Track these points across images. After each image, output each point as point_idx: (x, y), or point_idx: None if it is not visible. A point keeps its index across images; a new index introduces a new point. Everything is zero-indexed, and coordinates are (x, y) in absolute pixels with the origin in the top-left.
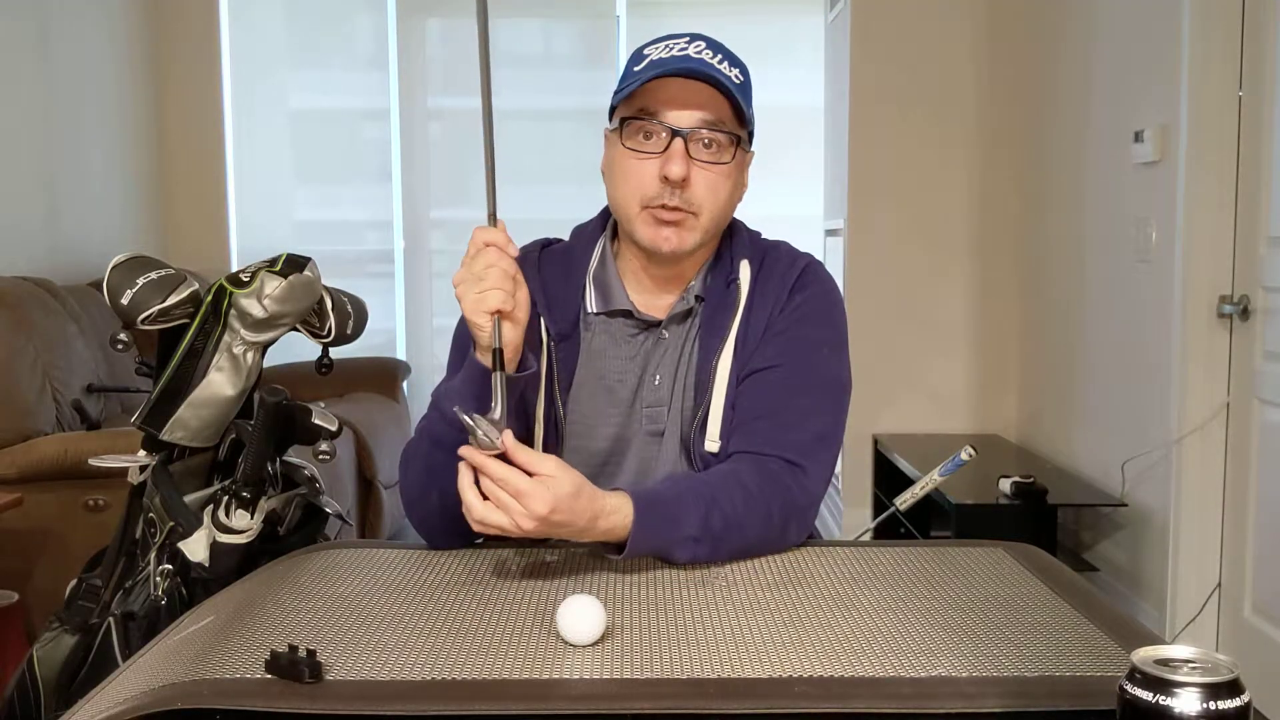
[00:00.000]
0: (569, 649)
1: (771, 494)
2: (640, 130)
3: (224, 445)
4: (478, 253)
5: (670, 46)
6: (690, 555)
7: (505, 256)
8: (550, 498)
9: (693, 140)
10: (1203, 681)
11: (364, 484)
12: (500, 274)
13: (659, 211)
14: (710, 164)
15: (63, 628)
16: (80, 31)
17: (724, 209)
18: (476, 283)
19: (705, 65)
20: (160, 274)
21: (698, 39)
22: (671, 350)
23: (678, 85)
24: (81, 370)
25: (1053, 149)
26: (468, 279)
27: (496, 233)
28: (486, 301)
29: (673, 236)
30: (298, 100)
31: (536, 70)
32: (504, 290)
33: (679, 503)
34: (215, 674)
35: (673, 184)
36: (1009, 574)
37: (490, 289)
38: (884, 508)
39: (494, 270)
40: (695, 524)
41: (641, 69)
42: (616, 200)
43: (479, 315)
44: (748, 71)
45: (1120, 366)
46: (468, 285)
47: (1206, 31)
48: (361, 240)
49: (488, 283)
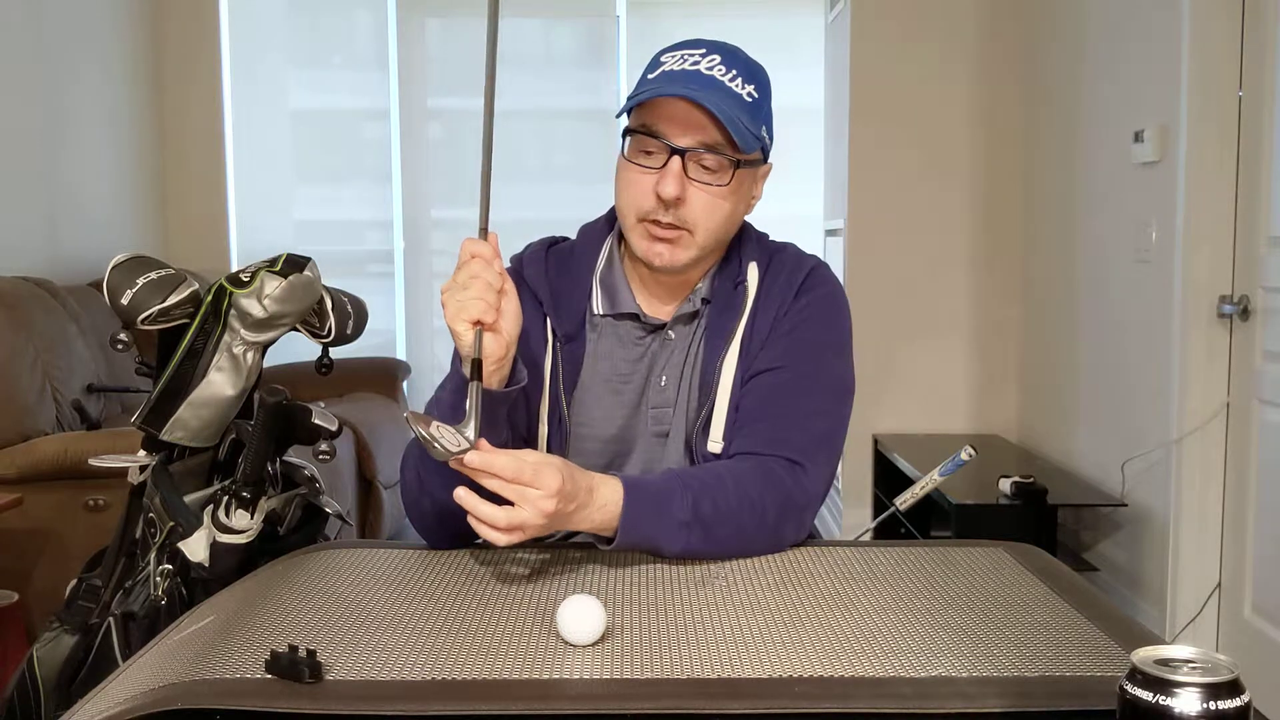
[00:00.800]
0: (569, 649)
1: (766, 488)
2: (642, 145)
3: (224, 445)
4: (464, 263)
5: (685, 58)
6: (683, 544)
7: (490, 269)
8: (555, 471)
9: (691, 160)
10: (1203, 681)
11: (364, 484)
12: (483, 285)
13: (653, 227)
14: (707, 184)
15: (63, 628)
16: (80, 31)
17: (721, 227)
18: (459, 291)
19: (713, 85)
20: (160, 274)
21: (714, 52)
22: (678, 352)
23: (682, 104)
24: (81, 370)
25: (1053, 149)
26: (452, 288)
27: (484, 245)
28: (467, 310)
29: (665, 252)
30: (298, 100)
31: (537, 70)
32: (485, 301)
33: (668, 489)
34: (215, 674)
35: (667, 202)
36: (1009, 574)
37: (472, 299)
38: (884, 508)
39: (478, 281)
40: (686, 509)
41: (655, 78)
42: (619, 207)
43: (458, 323)
44: (766, 82)
45: (1120, 366)
46: (451, 293)
47: (1206, 31)
48: (361, 240)
49: (470, 293)
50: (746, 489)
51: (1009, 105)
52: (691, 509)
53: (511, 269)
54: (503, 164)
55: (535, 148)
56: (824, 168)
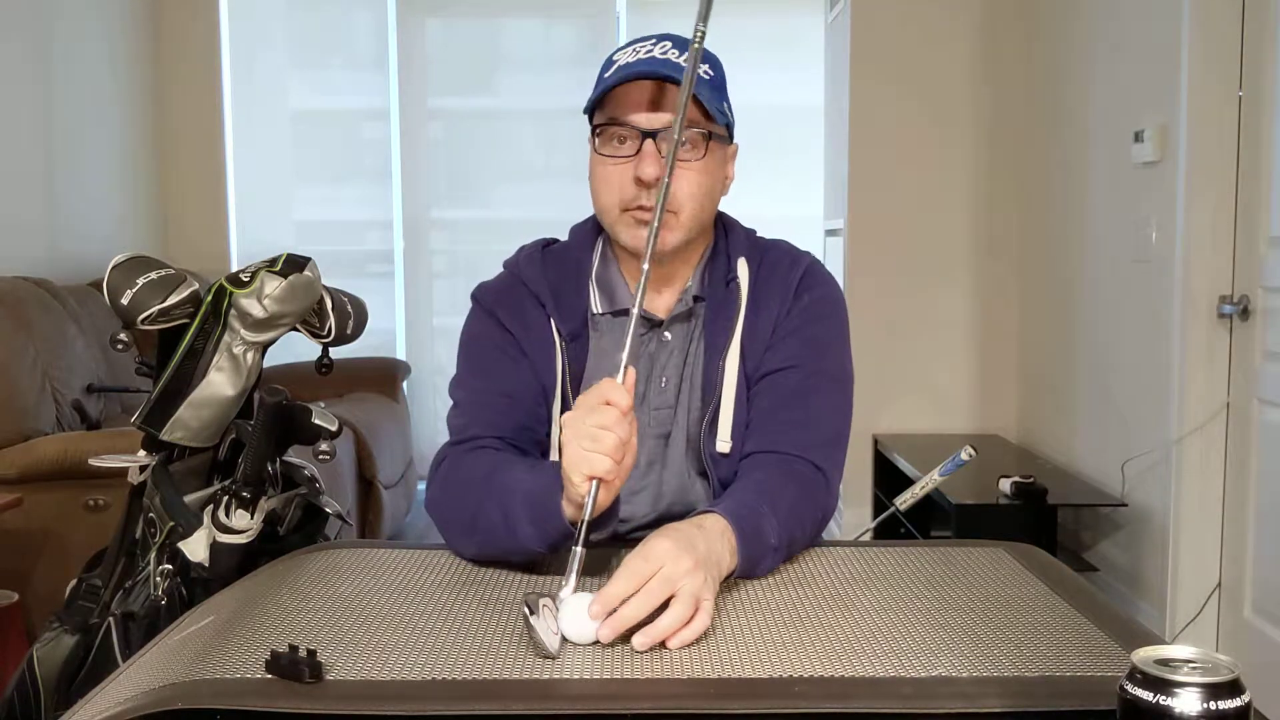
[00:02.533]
0: (569, 649)
1: (814, 497)
2: (612, 136)
3: (224, 445)
4: (598, 407)
5: (637, 50)
6: (769, 567)
7: (624, 423)
8: (656, 541)
9: (663, 140)
10: (1203, 681)
11: (364, 484)
12: (615, 443)
13: (638, 212)
14: (683, 161)
15: (63, 628)
16: (80, 31)
17: (704, 204)
18: (587, 441)
19: (669, 66)
20: (160, 274)
21: (665, 39)
22: (676, 352)
23: (644, 88)
24: (81, 370)
25: (1053, 149)
26: (580, 434)
27: (623, 394)
28: (591, 465)
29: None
30: (298, 100)
31: (537, 70)
32: (613, 460)
33: (760, 514)
34: (215, 674)
35: (648, 184)
36: (1009, 574)
37: (599, 455)
38: (884, 508)
39: (608, 435)
40: (775, 533)
41: (612, 74)
42: (599, 207)
43: (578, 475)
44: (720, 66)
45: (1120, 367)
46: (576, 440)
47: (1206, 31)
48: (361, 240)
49: (599, 446)
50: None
51: (1009, 105)
52: (778, 532)
53: (508, 273)
54: (503, 164)
55: (535, 147)
56: (824, 168)
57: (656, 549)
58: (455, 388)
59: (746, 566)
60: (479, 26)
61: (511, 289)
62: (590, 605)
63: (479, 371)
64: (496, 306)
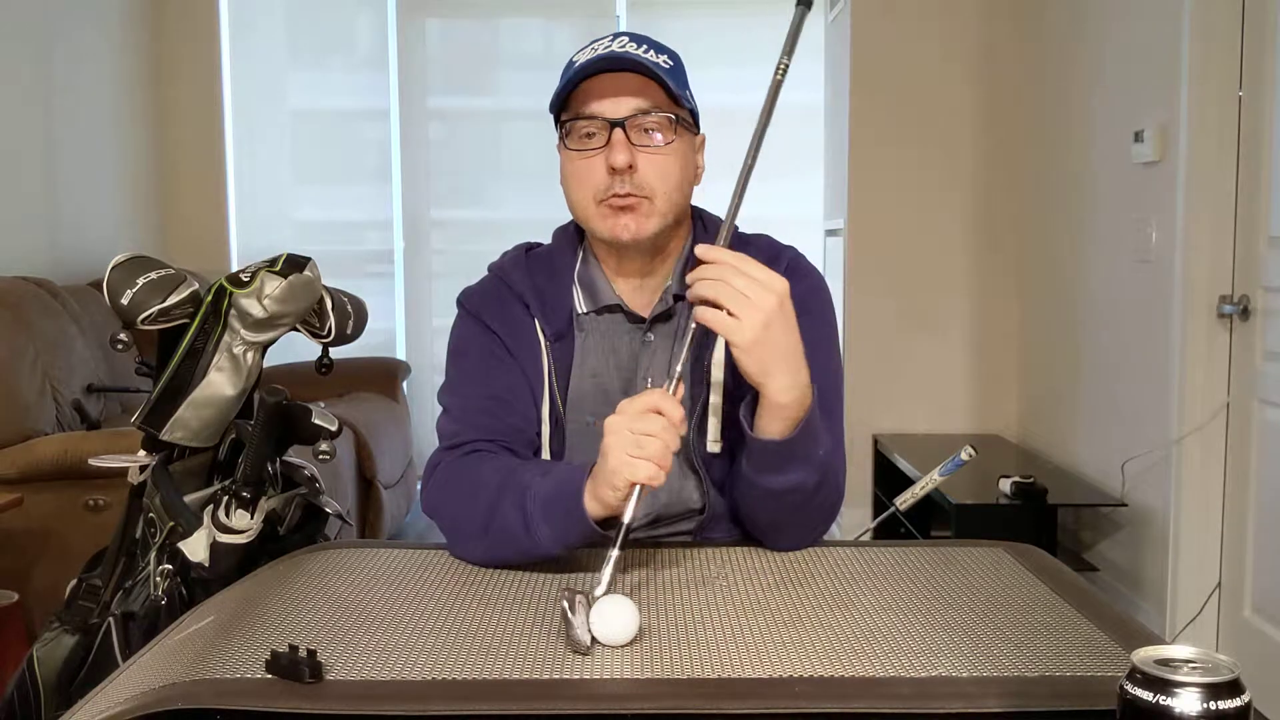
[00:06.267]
0: (569, 648)
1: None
2: (580, 130)
3: (224, 445)
4: (645, 412)
5: (595, 48)
6: (800, 476)
7: (671, 431)
8: (786, 313)
9: (631, 128)
10: (1203, 681)
11: (364, 484)
12: (661, 449)
13: (612, 200)
14: (653, 147)
15: (63, 628)
16: (80, 31)
17: (677, 190)
18: (633, 448)
19: (628, 56)
20: (160, 274)
21: (620, 35)
22: (660, 352)
23: (606, 80)
24: (81, 370)
25: (1053, 149)
26: (626, 440)
27: (674, 405)
28: (635, 472)
29: (631, 224)
30: (298, 100)
31: (536, 70)
32: (658, 466)
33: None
34: (215, 674)
35: (620, 172)
36: (1009, 574)
37: (644, 462)
38: (884, 508)
39: (655, 443)
40: (821, 449)
41: (571, 73)
42: (574, 205)
43: (621, 479)
44: (678, 57)
45: (1120, 366)
46: (621, 446)
47: (1206, 31)
48: (361, 240)
49: (645, 452)
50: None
51: (1009, 105)
52: (824, 450)
53: (492, 276)
54: (503, 164)
55: (535, 148)
56: (824, 168)
57: (780, 287)
58: (445, 393)
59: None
60: (479, 26)
61: (495, 292)
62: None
63: (468, 376)
64: (481, 310)
